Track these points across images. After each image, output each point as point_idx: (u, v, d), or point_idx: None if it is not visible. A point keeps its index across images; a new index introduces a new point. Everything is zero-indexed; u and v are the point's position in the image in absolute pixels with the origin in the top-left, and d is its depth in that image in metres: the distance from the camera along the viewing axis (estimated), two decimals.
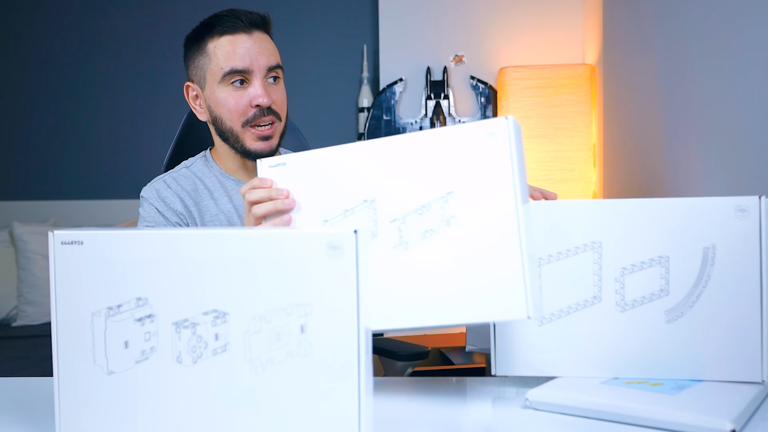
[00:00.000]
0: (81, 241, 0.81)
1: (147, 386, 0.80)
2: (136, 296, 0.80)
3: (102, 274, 0.80)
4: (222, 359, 0.78)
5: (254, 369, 0.77)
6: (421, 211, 0.91)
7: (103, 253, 0.80)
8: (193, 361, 0.79)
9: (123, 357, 0.80)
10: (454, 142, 0.91)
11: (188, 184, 1.33)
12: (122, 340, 0.80)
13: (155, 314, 0.79)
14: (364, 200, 0.95)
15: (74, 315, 0.82)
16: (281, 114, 1.31)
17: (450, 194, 0.91)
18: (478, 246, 0.89)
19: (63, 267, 0.81)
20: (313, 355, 0.75)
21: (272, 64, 1.28)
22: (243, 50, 1.26)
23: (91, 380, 0.81)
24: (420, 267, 0.91)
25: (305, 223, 0.99)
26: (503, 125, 0.89)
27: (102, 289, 0.80)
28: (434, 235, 0.91)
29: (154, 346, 0.80)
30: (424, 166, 0.92)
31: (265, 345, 0.77)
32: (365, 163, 0.95)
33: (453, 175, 0.91)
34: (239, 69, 1.25)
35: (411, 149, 0.93)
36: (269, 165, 1.00)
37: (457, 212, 0.90)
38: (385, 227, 0.93)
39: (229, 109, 1.27)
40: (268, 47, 1.29)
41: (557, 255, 0.95)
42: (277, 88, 1.30)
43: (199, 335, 0.78)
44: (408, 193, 0.93)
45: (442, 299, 0.90)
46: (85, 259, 0.81)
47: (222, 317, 0.78)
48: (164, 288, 0.79)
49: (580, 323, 0.95)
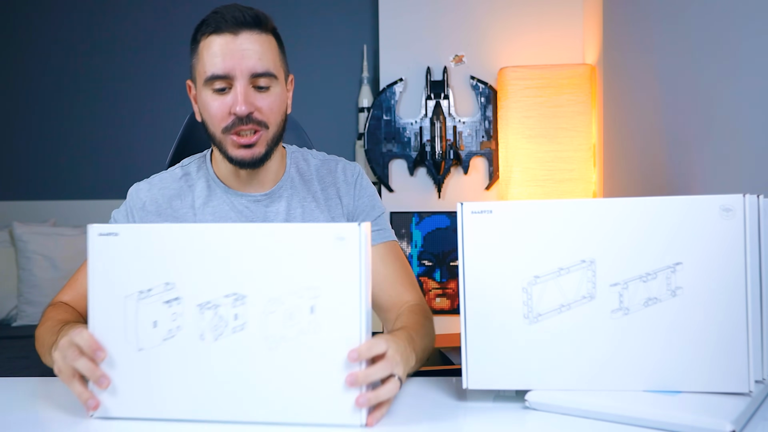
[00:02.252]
0: (116, 233, 0.90)
1: (173, 361, 0.89)
2: (165, 281, 0.89)
3: (134, 262, 0.90)
4: (240, 336, 0.87)
5: (269, 345, 0.87)
6: (645, 279, 0.91)
7: (136, 244, 0.90)
8: (214, 339, 0.88)
9: (152, 335, 0.89)
10: (685, 214, 0.90)
11: (172, 188, 1.30)
12: (151, 320, 0.89)
13: (181, 297, 0.89)
14: (582, 260, 0.92)
15: (108, 299, 0.90)
16: (269, 121, 1.21)
17: (678, 265, 0.90)
18: (704, 318, 0.89)
19: (98, 256, 0.90)
20: (321, 332, 0.86)
21: (257, 71, 1.18)
22: (226, 52, 1.17)
23: (122, 356, 0.90)
24: (638, 332, 0.90)
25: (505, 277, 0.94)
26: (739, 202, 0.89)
27: (134, 275, 0.90)
28: (658, 303, 0.90)
29: (180, 325, 0.89)
30: (651, 234, 0.91)
31: (279, 324, 0.87)
32: (585, 221, 0.92)
33: (681, 247, 0.90)
34: (219, 74, 1.17)
35: (638, 214, 0.91)
36: (472, 211, 0.94)
37: (685, 284, 0.90)
38: (604, 290, 0.91)
39: (210, 114, 1.21)
40: (256, 50, 1.18)
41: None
42: (265, 95, 1.20)
43: (221, 315, 0.88)
44: (631, 259, 0.91)
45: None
46: (119, 249, 0.90)
47: (241, 299, 0.87)
48: (190, 274, 0.89)
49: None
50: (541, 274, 0.93)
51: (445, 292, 3.05)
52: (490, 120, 3.01)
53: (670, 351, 0.90)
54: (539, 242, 0.92)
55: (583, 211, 0.92)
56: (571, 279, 0.92)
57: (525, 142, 2.78)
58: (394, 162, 3.07)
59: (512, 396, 0.96)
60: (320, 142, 1.77)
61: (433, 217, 3.03)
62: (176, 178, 1.32)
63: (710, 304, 0.89)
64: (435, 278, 3.04)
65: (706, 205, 0.89)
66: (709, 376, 0.89)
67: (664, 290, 0.90)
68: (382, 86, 3.06)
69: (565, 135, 2.76)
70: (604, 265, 0.91)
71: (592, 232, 0.92)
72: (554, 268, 0.92)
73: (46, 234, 3.07)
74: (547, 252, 0.92)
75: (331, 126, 3.27)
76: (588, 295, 0.92)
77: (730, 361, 0.88)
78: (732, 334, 0.88)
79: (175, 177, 1.32)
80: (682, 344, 0.90)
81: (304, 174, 1.34)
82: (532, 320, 0.92)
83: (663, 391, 0.90)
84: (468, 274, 0.93)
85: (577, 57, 3.00)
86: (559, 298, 0.92)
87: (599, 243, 0.91)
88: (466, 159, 3.03)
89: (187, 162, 1.35)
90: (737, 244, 0.88)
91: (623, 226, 0.91)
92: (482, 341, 0.93)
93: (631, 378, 0.91)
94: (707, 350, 0.89)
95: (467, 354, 0.93)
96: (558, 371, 0.92)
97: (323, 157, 1.38)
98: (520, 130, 2.78)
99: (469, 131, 3.03)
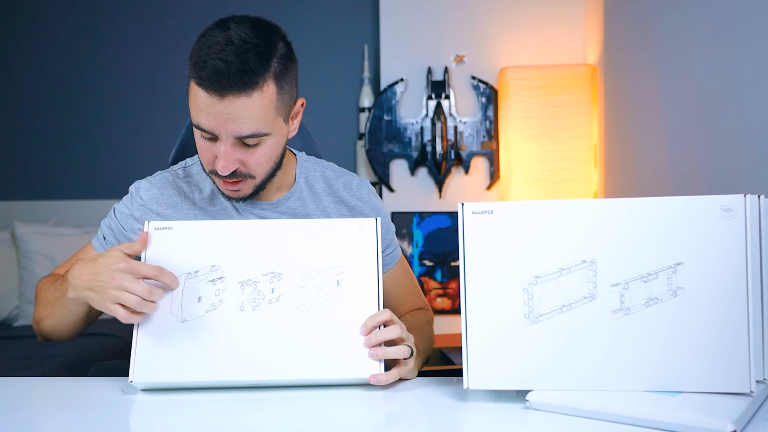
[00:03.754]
0: (171, 227, 1.06)
1: (213, 329, 1.01)
2: (211, 264, 1.04)
3: (185, 250, 1.05)
4: (276, 307, 1.02)
5: (300, 313, 1.02)
6: (646, 279, 0.91)
7: (187, 236, 1.06)
8: (252, 309, 1.02)
9: (196, 308, 1.02)
10: (685, 214, 0.90)
11: (173, 187, 1.29)
12: (196, 296, 1.02)
13: (225, 276, 1.03)
14: (583, 260, 0.92)
15: None
16: (255, 173, 1.16)
17: (679, 265, 0.90)
18: (705, 318, 0.89)
19: (154, 247, 1.05)
20: (345, 301, 1.03)
21: (243, 134, 1.09)
22: (209, 114, 1.08)
23: (167, 327, 1.01)
24: (639, 333, 0.90)
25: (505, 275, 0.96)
26: (740, 202, 0.89)
27: (184, 260, 1.04)
28: (659, 304, 0.90)
29: (222, 299, 1.02)
30: (652, 234, 0.90)
31: (310, 295, 1.03)
32: (586, 221, 0.92)
33: (682, 247, 0.90)
34: (204, 129, 1.10)
35: (639, 214, 0.91)
36: (473, 211, 0.96)
37: (686, 284, 0.90)
38: (605, 290, 0.91)
39: (198, 151, 1.17)
40: (242, 114, 1.08)
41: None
42: (252, 151, 1.13)
43: (259, 290, 1.03)
44: (632, 259, 0.91)
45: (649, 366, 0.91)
46: (171, 240, 1.05)
47: (278, 277, 1.04)
48: (233, 258, 1.04)
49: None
50: (542, 275, 0.93)
51: (445, 292, 3.05)
52: (491, 120, 3.01)
53: (671, 351, 0.90)
54: (540, 242, 0.92)
55: (584, 211, 0.92)
56: (572, 279, 0.92)
57: (526, 142, 2.78)
58: (395, 162, 3.07)
59: (513, 396, 0.96)
60: (321, 142, 1.77)
61: (434, 217, 3.03)
62: (179, 177, 1.31)
63: (711, 305, 0.89)
64: (436, 278, 3.04)
65: (707, 205, 0.89)
66: (710, 377, 0.89)
67: (665, 290, 0.90)
68: (383, 86, 3.06)
69: (566, 135, 2.76)
70: (605, 266, 0.91)
71: (593, 232, 0.91)
72: (555, 268, 0.92)
73: (48, 234, 3.07)
74: (548, 252, 0.92)
75: (332, 126, 3.27)
76: (589, 296, 0.92)
77: (731, 361, 0.88)
78: (733, 334, 0.88)
79: (177, 176, 1.32)
80: (683, 344, 0.90)
81: (314, 187, 1.32)
82: (532, 320, 0.92)
83: (664, 392, 0.90)
84: (469, 275, 0.93)
85: (578, 57, 3.00)
86: (560, 299, 0.92)
87: (600, 243, 0.91)
88: (467, 159, 3.02)
89: (190, 162, 1.34)
90: (738, 244, 0.88)
91: (624, 227, 0.91)
92: (483, 341, 0.93)
93: (632, 378, 0.91)
94: (708, 350, 0.89)
95: (468, 354, 0.93)
96: (559, 371, 0.92)
97: (336, 171, 1.35)
98: (521, 130, 2.78)
99: (470, 131, 3.03)
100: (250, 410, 0.94)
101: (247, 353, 1.00)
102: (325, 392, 1.02)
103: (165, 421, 0.92)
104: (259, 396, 1.00)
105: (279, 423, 0.90)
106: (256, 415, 0.93)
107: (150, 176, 1.33)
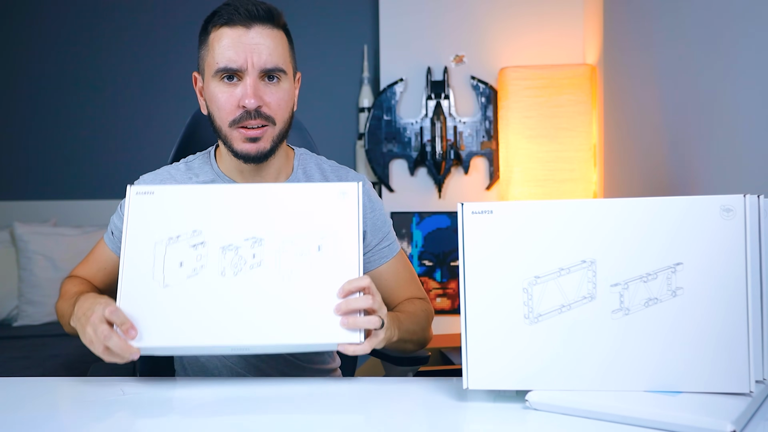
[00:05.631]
0: (152, 192, 1.05)
1: (195, 294, 1.00)
2: (193, 229, 1.03)
3: (167, 214, 1.04)
4: (257, 272, 1.01)
5: (282, 276, 1.01)
6: (646, 279, 0.91)
7: (169, 201, 1.05)
8: (234, 274, 1.01)
9: (177, 273, 1.01)
10: (685, 214, 0.90)
11: (176, 179, 1.32)
12: (178, 261, 1.02)
13: (206, 241, 1.02)
14: (582, 261, 0.92)
15: (140, 245, 1.03)
16: (276, 117, 1.22)
17: (678, 265, 0.90)
18: (705, 318, 0.89)
19: (135, 211, 1.04)
20: (327, 265, 1.02)
21: (268, 66, 1.19)
22: (238, 46, 1.18)
23: (149, 292, 1.01)
24: (639, 333, 0.90)
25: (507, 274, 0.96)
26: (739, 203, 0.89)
27: (165, 225, 1.03)
28: (658, 304, 0.90)
29: (204, 264, 1.02)
30: (652, 234, 0.90)
31: (291, 260, 1.02)
32: (586, 221, 0.92)
33: (681, 247, 0.90)
34: (230, 67, 1.18)
35: (639, 214, 0.91)
36: (472, 211, 0.96)
37: (685, 284, 0.90)
38: (605, 290, 0.92)
39: (218, 106, 1.21)
40: (267, 45, 1.19)
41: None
42: (274, 90, 1.21)
43: (240, 255, 1.02)
44: (632, 259, 0.91)
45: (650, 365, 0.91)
46: (154, 204, 1.04)
47: (259, 242, 1.02)
48: (215, 223, 1.03)
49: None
50: (541, 275, 0.93)
51: (445, 292, 3.05)
52: (490, 120, 3.01)
53: (670, 351, 0.90)
54: (540, 242, 0.92)
55: (584, 211, 0.92)
56: (572, 279, 0.92)
57: (525, 142, 2.78)
58: (395, 162, 3.07)
59: (512, 396, 0.96)
60: (321, 142, 1.77)
61: (434, 217, 3.03)
62: (180, 171, 1.34)
63: (711, 305, 0.89)
64: (435, 278, 3.04)
65: (707, 205, 0.89)
66: (709, 377, 0.89)
67: (664, 290, 0.90)
68: (383, 86, 3.06)
69: (565, 135, 2.76)
70: (604, 266, 0.91)
71: (593, 232, 0.92)
72: (555, 268, 0.92)
73: (47, 234, 3.07)
74: (548, 252, 0.92)
75: (332, 126, 3.27)
76: (588, 296, 0.92)
77: (731, 361, 0.88)
78: (732, 335, 0.88)
79: (178, 170, 1.34)
80: (682, 344, 0.90)
81: (312, 177, 1.34)
82: (532, 320, 0.92)
83: (663, 392, 0.90)
84: (468, 275, 0.93)
85: (577, 57, 3.00)
86: (560, 299, 0.92)
87: (600, 243, 0.91)
88: (467, 159, 3.03)
89: (191, 158, 1.37)
90: (738, 244, 0.88)
91: (624, 227, 0.91)
92: (483, 341, 0.93)
93: (632, 378, 0.91)
94: (708, 350, 0.89)
95: (467, 354, 0.93)
96: (558, 371, 0.92)
97: (334, 165, 1.38)
98: (521, 130, 2.78)
99: (470, 131, 3.03)
100: (250, 410, 0.94)
101: (229, 318, 0.99)
102: (325, 392, 1.02)
103: (165, 421, 0.92)
104: (259, 396, 1.00)
105: (279, 423, 0.90)
106: (256, 414, 0.93)
107: (153, 171, 1.36)
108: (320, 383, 1.07)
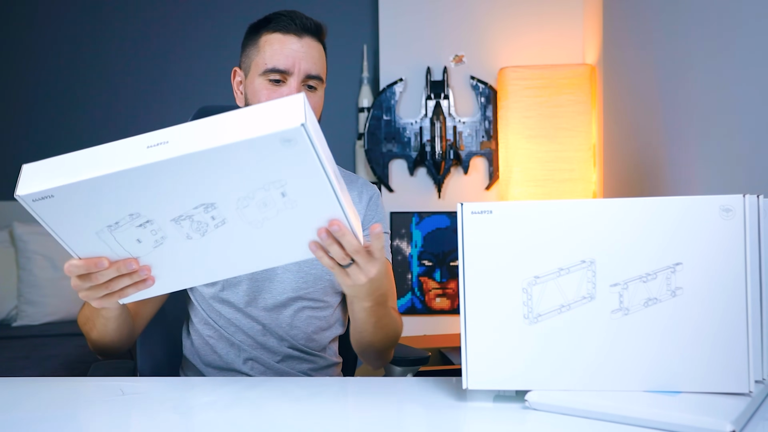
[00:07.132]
0: (52, 195, 0.90)
1: (168, 260, 0.96)
2: (129, 213, 0.91)
3: (89, 208, 0.90)
4: (225, 229, 0.93)
5: (255, 226, 0.93)
6: (645, 279, 0.91)
7: (81, 198, 0.89)
8: (201, 236, 0.94)
9: (140, 248, 0.95)
10: (684, 214, 0.90)
11: None
12: (134, 239, 0.93)
13: (152, 219, 0.92)
14: (582, 261, 0.92)
15: (82, 237, 0.93)
16: None
17: (678, 265, 0.90)
18: (704, 318, 0.89)
19: (46, 217, 0.92)
20: (297, 207, 0.92)
21: (312, 72, 1.31)
22: (289, 51, 1.29)
23: None
24: (638, 333, 0.91)
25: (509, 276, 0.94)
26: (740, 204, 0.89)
27: (93, 218, 0.91)
28: (657, 304, 0.90)
29: (163, 235, 0.93)
30: (651, 234, 0.90)
31: (256, 211, 0.92)
32: (585, 221, 0.92)
33: (681, 247, 0.90)
34: (280, 69, 1.29)
35: (638, 214, 0.91)
36: (472, 211, 0.94)
37: (685, 284, 0.90)
38: (604, 291, 0.92)
39: (261, 101, 1.29)
40: (313, 55, 1.32)
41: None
42: (312, 95, 1.32)
43: (198, 221, 0.93)
44: (631, 259, 0.91)
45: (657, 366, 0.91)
46: (58, 207, 0.90)
47: (211, 206, 0.91)
48: (149, 201, 0.89)
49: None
50: (541, 275, 0.93)
51: (445, 292, 3.05)
52: (490, 120, 3.01)
53: (670, 351, 0.90)
54: (539, 242, 0.92)
55: (583, 211, 0.92)
56: (571, 279, 0.92)
57: (525, 142, 2.78)
58: (394, 162, 3.07)
59: (512, 396, 0.96)
60: None
61: (433, 217, 3.03)
62: None
63: (710, 305, 0.89)
64: (435, 278, 3.04)
65: (706, 205, 0.89)
66: (709, 377, 0.89)
67: (664, 290, 0.90)
68: (382, 86, 3.06)
69: (565, 135, 2.76)
70: (604, 266, 0.91)
71: (592, 232, 0.92)
72: (554, 268, 0.92)
73: (47, 234, 3.01)
74: (547, 252, 0.92)
75: (331, 126, 3.25)
76: (588, 296, 0.92)
77: (730, 361, 0.88)
78: (732, 335, 0.88)
79: None
80: (682, 344, 0.90)
81: None
82: (532, 320, 0.93)
83: (663, 392, 0.90)
84: (468, 275, 0.93)
85: (577, 57, 3.00)
86: (559, 299, 0.92)
87: (599, 243, 0.91)
88: (466, 159, 3.03)
89: None
90: (737, 244, 0.88)
91: (623, 227, 0.91)
92: (482, 341, 0.93)
93: (631, 378, 0.91)
94: (707, 350, 0.89)
95: (467, 354, 0.93)
96: (558, 371, 0.92)
97: (343, 171, 1.43)
98: (520, 130, 2.78)
99: (469, 131, 3.03)
100: (250, 410, 0.94)
101: (209, 273, 1.00)
102: (325, 391, 1.02)
103: (165, 421, 0.92)
104: (259, 396, 1.00)
105: (278, 422, 0.91)
106: (255, 414, 0.93)
107: None
108: (320, 383, 1.08)
